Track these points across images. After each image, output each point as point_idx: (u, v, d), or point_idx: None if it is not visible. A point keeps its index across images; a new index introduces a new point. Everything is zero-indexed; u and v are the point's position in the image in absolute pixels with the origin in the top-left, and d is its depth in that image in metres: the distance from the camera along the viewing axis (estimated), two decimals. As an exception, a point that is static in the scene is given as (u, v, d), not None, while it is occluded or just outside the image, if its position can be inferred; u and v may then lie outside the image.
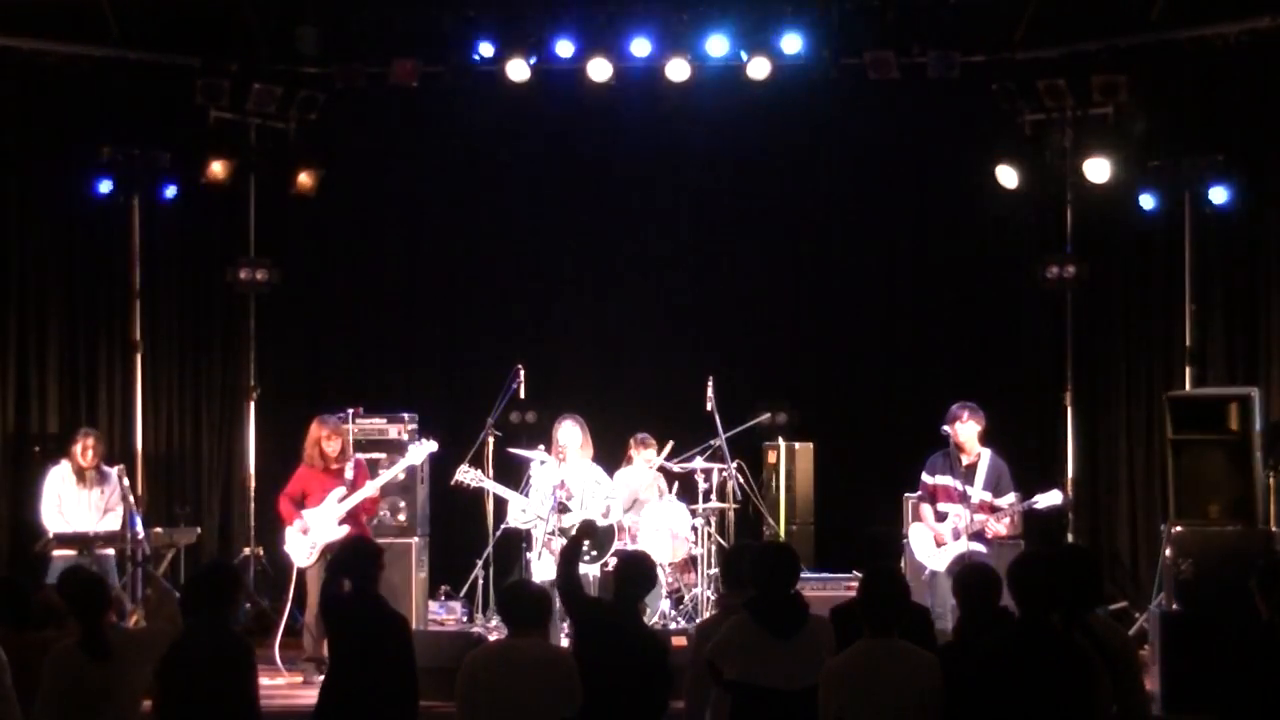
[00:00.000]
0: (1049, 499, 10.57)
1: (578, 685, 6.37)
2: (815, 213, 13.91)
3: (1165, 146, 12.25)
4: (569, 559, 7.28)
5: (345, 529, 10.63)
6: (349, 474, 10.77)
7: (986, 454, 10.50)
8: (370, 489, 10.81)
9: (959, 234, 13.65)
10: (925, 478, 10.57)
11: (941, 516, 10.39)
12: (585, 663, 6.72)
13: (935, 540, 10.36)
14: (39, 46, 12.57)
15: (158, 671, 6.44)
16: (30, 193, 12.70)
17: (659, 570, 11.01)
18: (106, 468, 11.29)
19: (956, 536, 10.26)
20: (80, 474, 11.22)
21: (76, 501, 11.17)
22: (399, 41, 13.03)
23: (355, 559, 7.10)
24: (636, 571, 7.05)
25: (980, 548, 10.22)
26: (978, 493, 10.37)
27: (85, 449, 11.23)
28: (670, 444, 11.78)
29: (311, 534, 10.59)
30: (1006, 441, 11.10)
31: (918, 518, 10.69)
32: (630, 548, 11.21)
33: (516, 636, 6.51)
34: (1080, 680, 5.74)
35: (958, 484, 10.35)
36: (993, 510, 10.32)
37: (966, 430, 10.42)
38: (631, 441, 11.94)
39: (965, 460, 10.41)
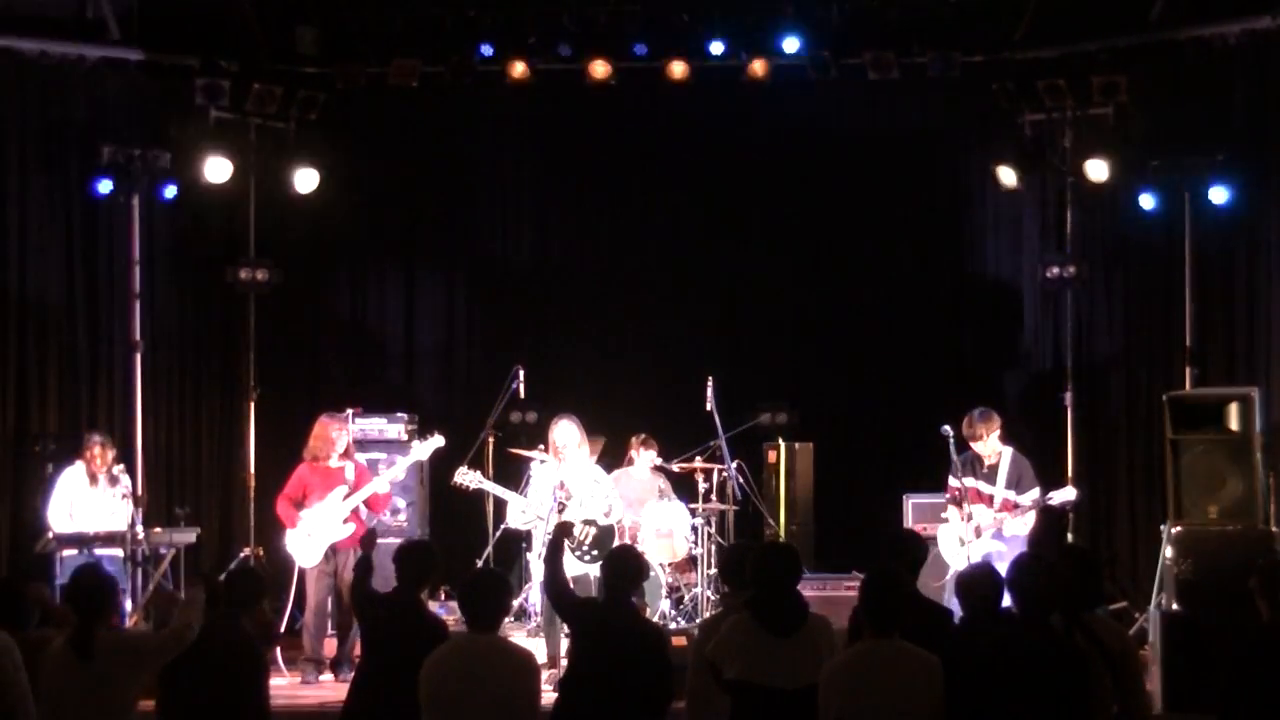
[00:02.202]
0: (1063, 495, 10.62)
1: (536, 685, 6.32)
2: (815, 212, 13.90)
3: (1165, 146, 12.25)
4: (553, 563, 7.25)
5: (351, 527, 10.65)
6: (349, 474, 10.79)
7: (1008, 452, 10.52)
8: (381, 482, 10.82)
9: (959, 234, 13.64)
10: (952, 481, 10.56)
11: (969, 518, 10.41)
12: (584, 664, 6.71)
13: (959, 540, 10.38)
14: (39, 46, 12.57)
15: (161, 671, 6.44)
16: (30, 193, 12.70)
17: (659, 570, 11.08)
18: (118, 471, 11.21)
19: (978, 535, 10.28)
20: (93, 477, 11.17)
21: (89, 504, 11.11)
22: (399, 41, 13.03)
23: (413, 563, 7.01)
24: (623, 566, 7.00)
25: (1000, 546, 10.23)
26: (1000, 492, 10.40)
27: (93, 456, 11.15)
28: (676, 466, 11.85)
29: (316, 534, 10.60)
30: (1006, 441, 11.09)
31: (945, 519, 10.71)
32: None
33: (475, 632, 6.40)
34: (1080, 681, 5.74)
35: (980, 485, 10.40)
36: (1014, 508, 10.33)
37: (988, 445, 10.44)
38: (632, 441, 11.95)
39: (988, 461, 10.45)
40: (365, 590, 7.29)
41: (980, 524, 10.33)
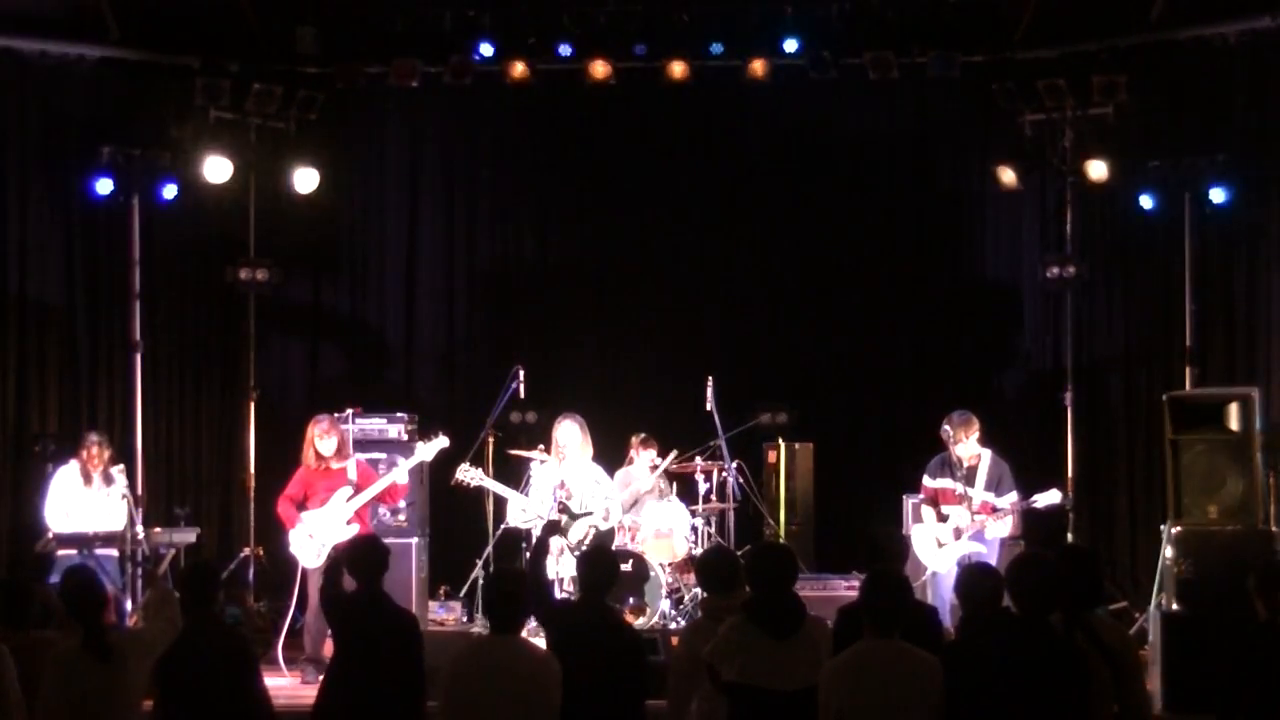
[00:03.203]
0: (1048, 498, 10.58)
1: (556, 688, 6.30)
2: (815, 213, 13.91)
3: (1165, 146, 12.25)
4: (535, 564, 7.23)
5: (355, 527, 10.63)
6: (351, 474, 10.77)
7: (987, 455, 10.50)
8: (401, 473, 10.81)
9: (959, 234, 13.65)
10: (926, 481, 10.57)
11: (944, 519, 10.40)
12: (560, 664, 6.69)
13: (936, 541, 10.38)
14: (39, 46, 12.58)
15: (156, 671, 6.44)
16: (30, 193, 12.70)
17: (659, 570, 11.07)
18: (115, 471, 11.19)
19: (957, 537, 10.28)
20: (88, 476, 11.16)
21: (83, 502, 11.10)
22: (399, 41, 13.04)
23: (363, 558, 7.03)
24: (597, 566, 6.95)
25: (980, 548, 10.23)
26: (979, 494, 10.38)
27: (91, 456, 11.14)
28: (674, 452, 11.80)
29: (319, 535, 10.57)
30: (1007, 442, 11.10)
31: (919, 519, 10.71)
32: (630, 547, 11.23)
33: (496, 634, 6.41)
34: (1080, 680, 5.74)
35: (958, 486, 10.38)
36: (993, 511, 10.33)
37: (966, 448, 10.41)
38: (633, 441, 11.95)
39: (966, 463, 10.43)
40: (331, 591, 7.29)
41: (959, 525, 10.32)
